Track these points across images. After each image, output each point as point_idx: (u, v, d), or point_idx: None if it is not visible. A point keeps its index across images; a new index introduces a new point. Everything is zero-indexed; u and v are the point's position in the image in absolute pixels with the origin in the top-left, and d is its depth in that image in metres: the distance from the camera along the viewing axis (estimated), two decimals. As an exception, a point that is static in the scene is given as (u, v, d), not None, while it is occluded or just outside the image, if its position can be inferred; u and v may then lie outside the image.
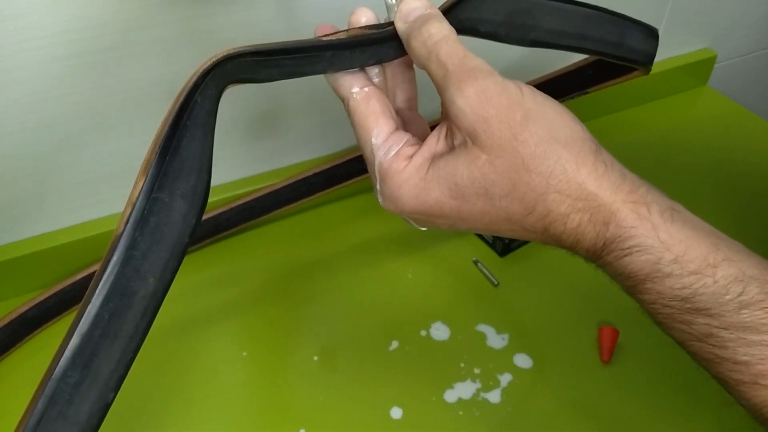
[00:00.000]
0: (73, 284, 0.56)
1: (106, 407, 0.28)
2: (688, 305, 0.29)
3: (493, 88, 0.31)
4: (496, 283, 0.58)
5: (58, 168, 0.54)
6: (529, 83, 0.67)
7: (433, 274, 0.59)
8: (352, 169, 0.63)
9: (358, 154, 0.63)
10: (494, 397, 0.49)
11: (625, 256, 0.30)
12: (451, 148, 0.32)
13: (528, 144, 0.30)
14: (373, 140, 0.33)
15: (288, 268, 0.60)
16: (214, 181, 0.31)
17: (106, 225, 0.58)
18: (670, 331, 0.31)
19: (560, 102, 0.33)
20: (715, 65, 0.83)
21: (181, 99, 0.29)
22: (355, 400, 0.50)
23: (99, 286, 0.27)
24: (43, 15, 0.46)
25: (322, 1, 0.55)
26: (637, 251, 0.29)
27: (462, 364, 0.52)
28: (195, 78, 0.29)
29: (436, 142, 0.33)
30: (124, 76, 0.51)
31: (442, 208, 0.32)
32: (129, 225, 0.28)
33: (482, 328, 0.54)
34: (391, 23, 0.35)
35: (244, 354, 0.53)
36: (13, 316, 0.53)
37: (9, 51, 0.46)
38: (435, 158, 0.32)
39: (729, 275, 0.29)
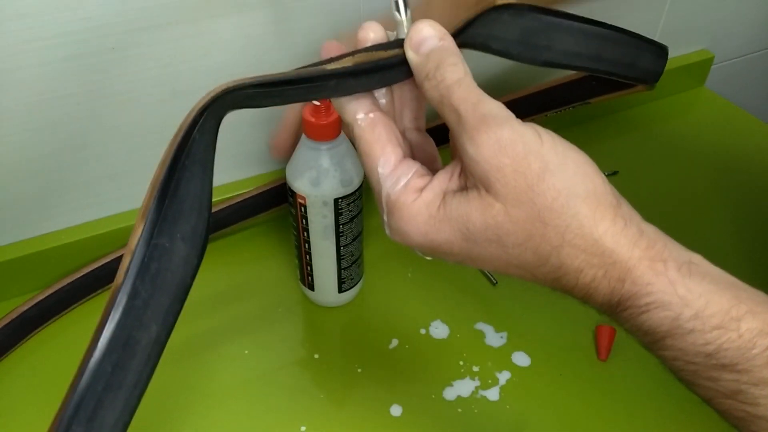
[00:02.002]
0: (72, 283, 0.56)
1: None
2: (713, 361, 0.28)
3: (508, 136, 0.29)
4: (494, 281, 0.58)
5: (60, 168, 0.54)
6: (532, 90, 0.68)
7: (432, 272, 0.59)
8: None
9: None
10: (493, 394, 0.50)
11: (642, 313, 0.29)
12: (464, 188, 0.31)
13: (545, 197, 0.29)
14: (380, 169, 0.32)
15: (286, 266, 0.60)
16: (215, 181, 0.31)
17: (107, 225, 0.58)
18: (695, 388, 0.30)
19: (561, 110, 0.32)
20: (713, 66, 0.83)
21: (179, 139, 0.28)
22: (355, 399, 0.50)
23: (100, 340, 0.26)
24: (44, 16, 0.46)
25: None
26: (655, 308, 0.29)
27: (461, 362, 0.52)
28: (192, 115, 0.28)
29: (448, 178, 0.32)
30: (126, 78, 0.52)
31: (452, 248, 0.31)
32: (129, 275, 0.27)
33: (481, 326, 0.55)
34: (400, 42, 0.33)
35: (245, 353, 0.53)
36: (13, 316, 0.53)
37: (11, 52, 0.47)
38: (447, 196, 0.31)
39: (754, 328, 0.27)
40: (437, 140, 0.37)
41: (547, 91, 0.69)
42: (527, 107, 0.70)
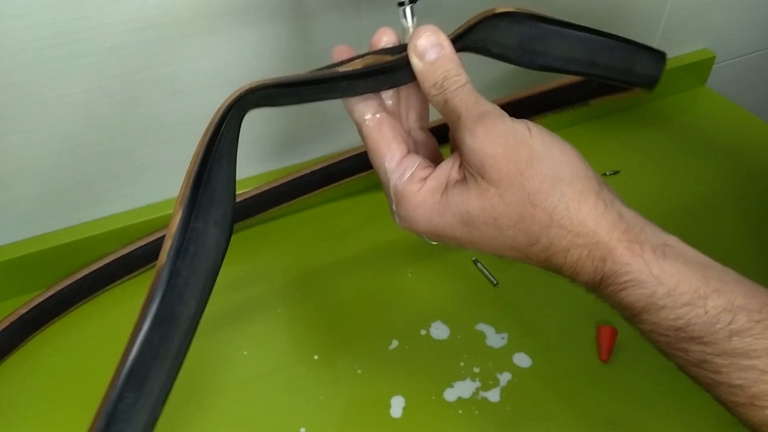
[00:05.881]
0: (70, 285, 0.56)
1: (156, 419, 0.31)
2: (683, 334, 0.31)
3: (501, 128, 0.33)
4: (495, 282, 0.58)
5: (58, 168, 0.54)
6: (533, 92, 0.69)
7: (432, 273, 0.59)
8: (349, 167, 0.64)
9: (355, 152, 0.63)
10: (494, 396, 0.49)
11: (622, 290, 0.32)
12: (463, 178, 0.34)
13: (534, 181, 0.32)
14: (387, 164, 0.35)
15: (286, 267, 0.60)
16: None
17: (106, 225, 0.58)
18: (669, 357, 0.33)
19: (562, 111, 0.34)
20: (714, 66, 0.83)
21: (209, 133, 0.31)
22: (355, 400, 0.50)
23: (148, 314, 0.29)
24: (43, 15, 0.46)
25: None
26: (632, 285, 0.32)
27: (461, 363, 0.52)
28: (221, 112, 0.31)
29: (449, 169, 0.35)
30: (124, 77, 0.52)
31: (454, 231, 0.34)
32: (170, 256, 0.30)
33: (482, 327, 0.54)
34: (405, 46, 0.36)
35: (245, 353, 0.53)
36: (12, 318, 0.53)
37: (10, 51, 0.47)
38: (449, 185, 0.34)
39: (718, 306, 0.30)
40: (438, 139, 0.39)
41: (548, 93, 0.70)
42: (528, 108, 0.70)
